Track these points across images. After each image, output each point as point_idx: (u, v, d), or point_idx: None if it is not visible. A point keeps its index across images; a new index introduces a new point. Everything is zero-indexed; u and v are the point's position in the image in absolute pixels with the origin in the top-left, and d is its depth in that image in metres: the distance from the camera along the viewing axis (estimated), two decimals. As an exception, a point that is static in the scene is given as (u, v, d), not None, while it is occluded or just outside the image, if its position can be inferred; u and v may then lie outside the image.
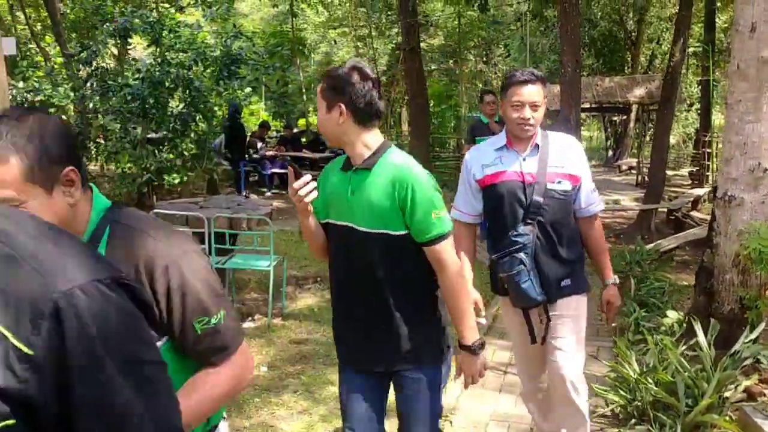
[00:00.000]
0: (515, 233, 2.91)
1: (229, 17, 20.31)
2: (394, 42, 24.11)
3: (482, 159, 3.04)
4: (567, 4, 8.86)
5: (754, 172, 4.42)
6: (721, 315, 4.63)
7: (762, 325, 4.08)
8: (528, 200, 2.91)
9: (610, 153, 27.88)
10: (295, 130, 19.34)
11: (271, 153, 13.91)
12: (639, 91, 19.65)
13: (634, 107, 21.17)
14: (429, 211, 2.18)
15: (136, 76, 9.54)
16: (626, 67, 25.35)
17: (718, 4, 18.30)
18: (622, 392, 3.93)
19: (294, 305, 6.27)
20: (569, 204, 3.00)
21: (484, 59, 30.09)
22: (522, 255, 2.89)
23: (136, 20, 9.42)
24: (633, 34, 25.44)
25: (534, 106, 2.88)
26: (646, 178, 13.86)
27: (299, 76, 21.79)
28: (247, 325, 5.59)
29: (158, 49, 9.68)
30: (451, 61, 27.74)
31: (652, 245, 9.09)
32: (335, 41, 27.57)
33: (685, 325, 4.86)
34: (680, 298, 6.17)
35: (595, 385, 3.95)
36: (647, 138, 21.80)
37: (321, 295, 6.62)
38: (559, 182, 2.93)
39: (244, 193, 12.80)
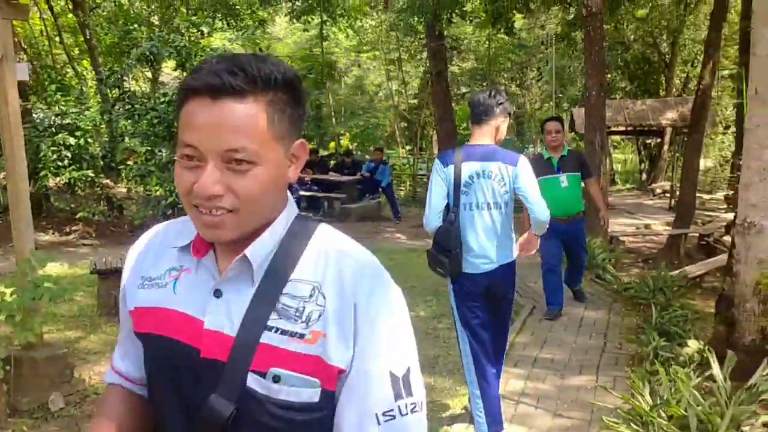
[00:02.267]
0: None
1: (260, 40, 20.67)
2: (424, 66, 24.22)
3: None
4: (591, 27, 8.79)
5: (774, 198, 4.28)
6: (742, 345, 4.48)
7: (781, 358, 3.92)
8: None
9: (644, 176, 27.53)
10: (324, 153, 19.51)
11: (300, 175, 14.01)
12: (672, 114, 19.33)
13: (668, 130, 20.85)
14: None
15: (162, 99, 9.68)
16: (661, 90, 25.05)
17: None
18: (633, 426, 3.80)
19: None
20: None
21: (518, 82, 30.10)
22: None
23: (163, 45, 9.59)
24: (667, 56, 25.17)
25: None
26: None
27: (329, 99, 21.97)
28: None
29: (184, 73, 9.83)
30: (483, 85, 27.74)
31: (678, 271, 8.89)
32: (365, 65, 27.79)
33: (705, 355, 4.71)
34: (704, 326, 5.99)
35: (607, 418, 3.83)
36: (681, 161, 21.46)
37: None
38: None
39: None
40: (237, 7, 17.27)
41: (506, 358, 5.20)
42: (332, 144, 23.52)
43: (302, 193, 13.73)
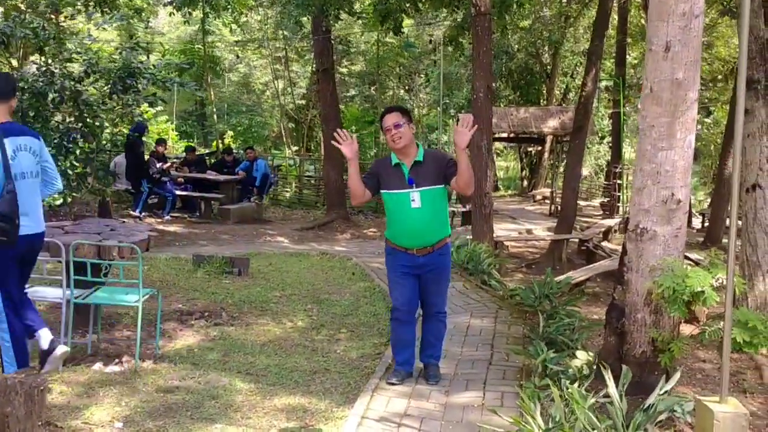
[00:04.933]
0: None
1: (136, 30, 19.42)
2: (312, 65, 23.71)
3: None
4: (480, 27, 8.59)
5: (666, 203, 4.09)
6: (632, 357, 4.27)
7: (677, 375, 3.72)
8: None
9: (525, 183, 28.24)
10: (205, 152, 18.55)
11: (173, 173, 13.13)
12: (553, 123, 19.83)
13: (549, 138, 21.37)
14: None
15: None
16: (542, 100, 25.76)
17: (629, 39, 18.76)
18: (525, 452, 3.46)
19: (171, 345, 5.57)
20: None
21: (406, 87, 30.17)
22: None
23: (18, 26, 8.55)
24: (548, 67, 25.94)
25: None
26: (559, 208, 13.77)
27: (211, 95, 20.96)
28: (111, 369, 4.86)
29: (42, 58, 8.83)
30: (372, 87, 27.60)
31: (563, 277, 8.83)
32: (252, 63, 26.93)
33: (595, 367, 4.48)
34: (591, 335, 5.82)
35: (495, 442, 3.47)
36: (561, 168, 22.08)
37: (206, 332, 5.94)
38: None
39: (138, 213, 11.97)
40: (110, -8, 16.03)
41: (381, 373, 4.78)
42: (215, 142, 22.52)
43: (178, 192, 12.84)
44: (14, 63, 9.85)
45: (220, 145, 19.80)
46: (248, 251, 9.94)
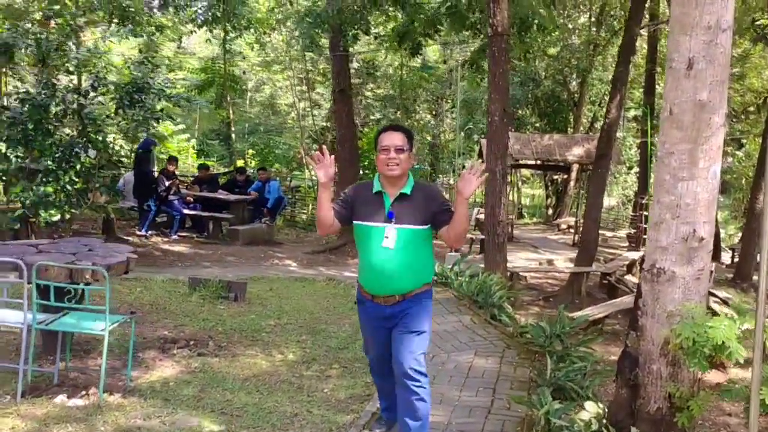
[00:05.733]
0: None
1: (158, 46, 19.38)
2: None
3: None
4: (496, 48, 8.20)
5: (687, 240, 3.61)
6: (646, 414, 3.77)
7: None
8: None
9: (550, 211, 27.68)
10: (221, 171, 18.30)
11: (184, 191, 12.87)
12: (578, 150, 19.29)
13: (575, 166, 20.84)
14: None
15: (14, 97, 8.45)
16: (569, 128, 25.30)
17: (659, 68, 18.26)
18: None
19: (147, 377, 5.16)
20: None
21: (434, 112, 29.87)
22: None
23: (22, 36, 8.36)
24: (576, 95, 25.52)
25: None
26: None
27: (231, 113, 20.79)
28: (74, 402, 4.47)
29: (45, 68, 8.62)
30: (398, 112, 27.36)
31: (580, 313, 8.33)
32: (277, 84, 26.86)
33: (605, 421, 3.98)
34: (605, 381, 5.31)
35: None
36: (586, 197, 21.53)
37: (187, 363, 5.53)
38: None
39: (143, 232, 11.70)
40: (131, 9, 15.97)
41: (367, 418, 4.33)
42: (240, 162, 22.34)
43: (186, 212, 12.54)
44: (23, 74, 9.67)
45: (247, 166, 19.60)
46: (252, 275, 9.56)
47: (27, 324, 4.48)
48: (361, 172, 14.82)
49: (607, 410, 4.09)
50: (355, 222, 3.68)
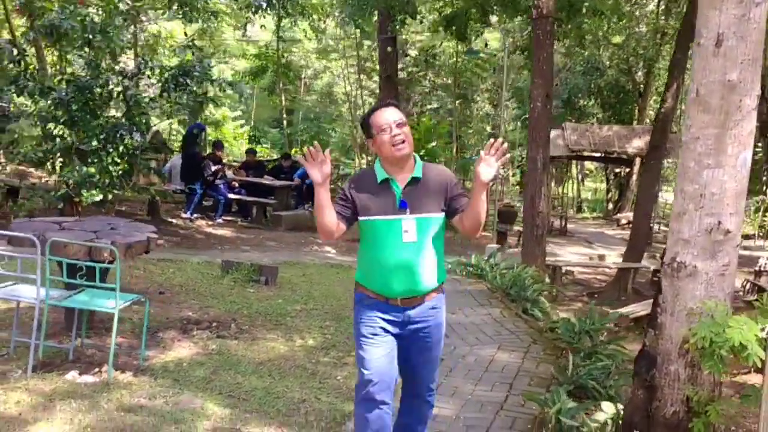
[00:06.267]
0: None
1: (212, 33, 19.57)
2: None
3: None
4: (541, 30, 7.90)
5: (711, 233, 3.33)
6: (662, 418, 3.51)
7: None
8: None
9: (611, 205, 26.94)
10: (273, 157, 18.41)
11: (230, 175, 12.98)
12: (638, 143, 18.59)
13: (637, 159, 20.15)
14: None
15: (59, 77, 8.62)
16: (633, 120, 24.49)
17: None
18: None
19: (162, 357, 5.15)
20: None
21: (494, 102, 29.40)
22: None
23: (69, 17, 8.49)
24: (641, 85, 24.67)
25: None
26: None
27: (282, 101, 20.88)
28: (84, 379, 4.48)
29: (91, 51, 8.74)
30: (457, 101, 27.06)
31: (623, 309, 8.01)
32: (335, 73, 26.92)
33: (621, 422, 3.75)
34: (631, 381, 5.02)
35: None
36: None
37: (205, 345, 5.50)
38: None
39: (188, 215, 11.85)
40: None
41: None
42: (295, 150, 22.48)
43: (231, 196, 12.63)
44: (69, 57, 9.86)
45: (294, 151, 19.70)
46: (288, 259, 9.55)
47: (40, 300, 4.50)
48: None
49: (622, 412, 3.85)
50: (361, 219, 3.13)
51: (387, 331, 3.13)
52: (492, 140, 2.97)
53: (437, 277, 3.19)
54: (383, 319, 3.13)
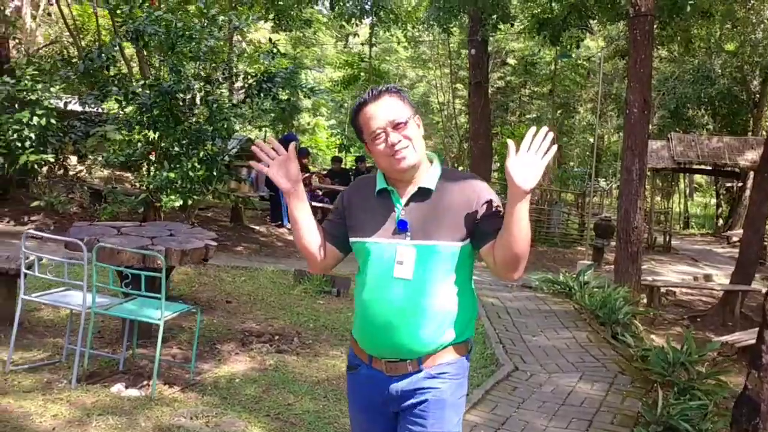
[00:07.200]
0: None
1: (307, 42, 19.63)
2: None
3: None
4: (638, 30, 7.25)
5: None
6: (768, 480, 2.91)
7: None
8: None
9: (721, 222, 25.27)
10: (359, 166, 18.25)
11: (316, 185, 12.87)
12: (751, 155, 17.18)
13: (751, 173, 18.70)
14: None
15: (141, 82, 8.68)
16: (747, 131, 22.89)
17: None
18: None
19: (215, 371, 4.90)
20: None
21: (600, 112, 28.31)
22: None
23: (152, 23, 8.55)
24: (756, 95, 23.06)
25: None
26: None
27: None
28: (129, 393, 4.28)
29: (172, 56, 8.76)
30: (558, 111, 26.26)
31: (727, 337, 7.21)
32: (432, 82, 26.71)
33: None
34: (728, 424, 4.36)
35: None
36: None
37: (262, 359, 5.23)
38: None
39: (276, 223, 11.88)
40: (281, 2, 16.24)
41: None
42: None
43: (314, 204, 12.49)
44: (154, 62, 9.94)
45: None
46: (347, 269, 9.22)
47: (86, 307, 4.35)
48: (496, 167, 14.05)
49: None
50: (351, 240, 2.21)
51: (377, 409, 2.19)
52: (534, 129, 1.97)
53: (447, 334, 2.10)
54: (368, 391, 2.19)
